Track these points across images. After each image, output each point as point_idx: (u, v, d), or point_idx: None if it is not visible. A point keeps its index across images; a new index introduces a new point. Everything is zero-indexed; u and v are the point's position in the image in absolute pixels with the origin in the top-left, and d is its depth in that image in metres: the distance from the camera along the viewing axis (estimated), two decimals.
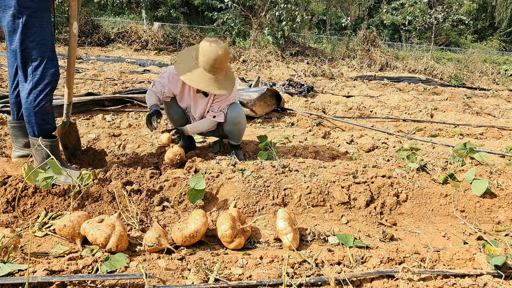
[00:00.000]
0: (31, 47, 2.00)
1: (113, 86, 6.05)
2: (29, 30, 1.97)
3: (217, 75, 2.44)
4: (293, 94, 6.61)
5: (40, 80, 2.06)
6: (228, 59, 2.47)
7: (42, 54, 2.04)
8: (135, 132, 3.47)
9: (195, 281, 1.41)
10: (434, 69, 14.67)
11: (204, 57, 2.39)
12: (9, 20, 1.94)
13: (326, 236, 1.91)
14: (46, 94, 2.10)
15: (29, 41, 1.99)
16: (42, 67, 2.05)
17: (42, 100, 2.09)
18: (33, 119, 2.11)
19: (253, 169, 2.45)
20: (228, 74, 2.57)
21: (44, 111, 2.12)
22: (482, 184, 2.36)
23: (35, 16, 1.97)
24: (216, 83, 2.43)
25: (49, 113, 2.17)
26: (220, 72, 2.46)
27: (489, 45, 28.54)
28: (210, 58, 2.37)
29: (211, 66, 2.39)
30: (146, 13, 17.21)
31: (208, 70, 2.41)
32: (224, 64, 2.45)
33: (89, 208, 2.00)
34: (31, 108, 2.09)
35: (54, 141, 2.22)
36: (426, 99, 7.25)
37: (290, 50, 16.33)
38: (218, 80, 2.44)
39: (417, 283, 1.48)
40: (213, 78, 2.42)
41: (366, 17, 26.14)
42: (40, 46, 2.02)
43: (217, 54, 2.37)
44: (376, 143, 3.55)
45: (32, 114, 2.10)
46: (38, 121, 2.13)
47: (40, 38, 2.01)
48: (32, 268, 1.41)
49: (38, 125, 2.13)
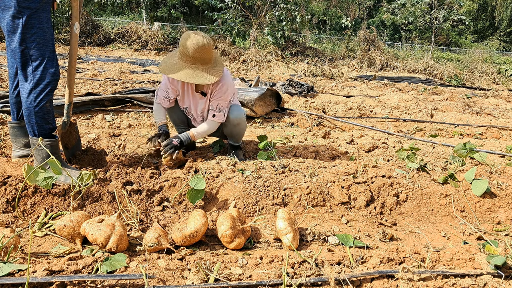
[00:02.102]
0: (31, 47, 2.00)
1: (113, 86, 6.05)
2: (29, 31, 1.97)
3: (202, 66, 2.38)
4: (293, 94, 6.61)
5: (40, 80, 2.06)
6: (210, 48, 2.39)
7: (42, 54, 2.04)
8: (135, 132, 3.47)
9: (195, 281, 1.41)
10: (434, 69, 14.67)
11: (184, 50, 2.35)
12: (9, 20, 1.94)
13: (326, 236, 1.91)
14: (46, 94, 2.10)
15: (29, 41, 1.99)
16: (42, 67, 2.05)
17: (42, 100, 2.09)
18: (33, 119, 2.12)
19: (253, 169, 2.45)
20: (217, 62, 2.49)
21: (44, 111, 2.12)
22: (482, 184, 2.36)
23: (35, 16, 1.97)
24: (200, 74, 2.37)
25: (49, 113, 2.17)
26: (204, 62, 2.39)
27: (489, 45, 28.54)
28: (190, 50, 2.33)
29: (192, 58, 2.34)
30: (146, 13, 17.21)
31: (190, 61, 2.36)
32: (207, 54, 2.37)
33: (89, 208, 2.00)
34: (31, 108, 2.09)
35: (54, 141, 2.22)
36: (426, 99, 7.25)
37: (290, 50, 16.33)
38: (203, 70, 2.38)
39: (417, 283, 1.48)
40: (197, 68, 2.37)
41: (366, 17, 26.14)
42: (40, 46, 2.02)
43: (195, 45, 2.32)
44: (376, 143, 3.55)
45: (33, 113, 2.10)
46: (38, 121, 2.13)
47: (40, 38, 2.01)
48: (32, 268, 1.41)
49: (38, 125, 2.14)
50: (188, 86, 2.68)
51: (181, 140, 2.53)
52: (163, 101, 2.71)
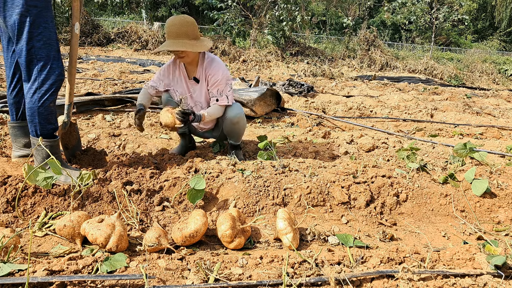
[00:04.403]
0: (37, 47, 1.99)
1: (113, 86, 6.05)
2: (36, 29, 1.96)
3: (187, 40, 2.48)
4: (293, 94, 6.61)
5: (45, 79, 2.05)
6: (193, 23, 2.51)
7: (48, 54, 2.04)
8: (135, 132, 3.47)
9: (195, 281, 1.41)
10: (434, 69, 14.67)
11: (167, 28, 2.49)
12: (16, 18, 1.92)
13: (326, 236, 1.91)
14: (51, 94, 2.10)
15: (36, 41, 1.98)
16: (49, 67, 2.04)
17: (47, 100, 2.08)
18: (36, 119, 2.11)
19: (253, 169, 2.45)
20: (204, 41, 2.58)
21: (48, 111, 2.12)
22: (482, 184, 2.36)
23: (41, 15, 1.96)
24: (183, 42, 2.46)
25: (52, 113, 2.16)
26: (188, 37, 2.48)
27: (489, 45, 28.54)
28: (169, 25, 2.47)
29: (174, 33, 2.45)
30: (146, 13, 17.22)
31: (174, 37, 2.47)
32: (190, 29, 2.48)
33: (89, 208, 2.00)
34: (35, 108, 2.08)
35: (55, 141, 2.22)
36: (426, 99, 7.24)
37: (290, 50, 16.33)
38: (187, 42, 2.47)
39: (417, 283, 1.48)
40: (179, 41, 2.47)
41: (366, 17, 26.13)
42: (46, 46, 2.02)
43: (174, 20, 2.47)
44: (376, 143, 3.55)
45: (36, 113, 2.09)
46: (41, 121, 2.12)
47: (46, 37, 2.01)
48: (32, 268, 1.41)
49: (40, 125, 2.13)
50: (180, 74, 2.75)
51: (195, 114, 2.55)
52: (150, 89, 2.80)
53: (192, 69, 2.71)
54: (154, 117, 4.31)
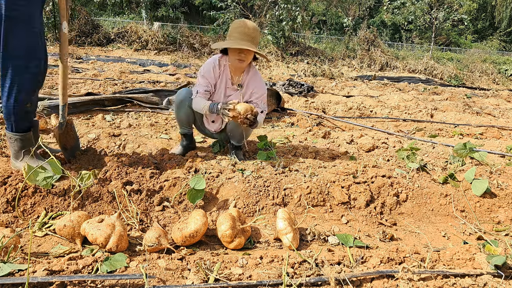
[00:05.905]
0: (15, 47, 1.92)
1: (113, 86, 6.05)
2: (15, 29, 1.89)
3: (254, 45, 2.55)
4: (293, 94, 6.61)
5: (23, 80, 1.99)
6: (259, 31, 2.62)
7: (27, 54, 1.97)
8: (135, 132, 3.47)
9: (195, 281, 1.41)
10: (434, 69, 14.67)
11: (239, 28, 2.54)
12: None
13: (326, 236, 1.91)
14: (29, 94, 2.05)
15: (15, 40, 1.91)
16: (27, 66, 1.98)
17: (24, 100, 2.04)
18: (12, 118, 2.09)
19: (253, 169, 2.45)
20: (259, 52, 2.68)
21: (25, 111, 2.09)
22: (482, 184, 2.36)
23: (22, 14, 1.90)
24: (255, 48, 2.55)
25: (29, 112, 2.13)
26: (256, 43, 2.57)
27: (489, 45, 28.55)
28: (241, 26, 2.54)
29: (247, 35, 2.52)
30: (146, 13, 17.21)
31: (247, 39, 2.52)
32: (256, 33, 2.57)
33: (89, 208, 2.00)
34: (10, 108, 2.05)
35: (26, 135, 2.18)
36: (426, 99, 7.25)
37: (290, 50, 16.32)
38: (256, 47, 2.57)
39: (417, 283, 1.48)
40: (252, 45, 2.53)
41: (366, 17, 26.14)
42: (26, 46, 1.95)
43: (247, 23, 2.55)
44: (376, 143, 3.55)
45: (12, 113, 2.07)
46: (18, 120, 2.11)
47: (26, 37, 1.94)
48: (32, 268, 1.41)
49: (16, 122, 2.12)
50: (224, 77, 2.74)
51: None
52: (203, 94, 2.70)
53: (237, 74, 2.75)
54: (154, 117, 4.31)
